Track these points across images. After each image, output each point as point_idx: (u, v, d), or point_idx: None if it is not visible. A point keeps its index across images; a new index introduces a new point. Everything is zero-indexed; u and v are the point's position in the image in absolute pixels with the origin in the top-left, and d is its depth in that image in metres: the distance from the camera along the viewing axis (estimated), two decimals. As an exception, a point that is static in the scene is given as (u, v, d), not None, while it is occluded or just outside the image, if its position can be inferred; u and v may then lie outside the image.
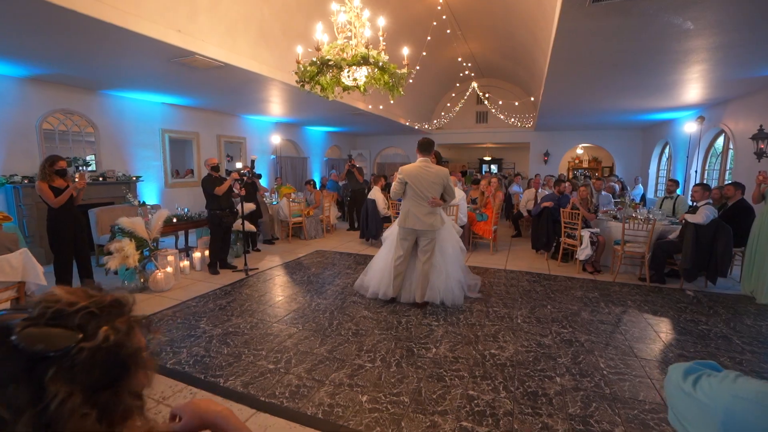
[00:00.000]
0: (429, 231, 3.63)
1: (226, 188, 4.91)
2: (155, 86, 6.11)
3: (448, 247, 3.89)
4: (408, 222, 3.64)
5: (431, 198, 3.55)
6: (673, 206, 5.82)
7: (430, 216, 3.60)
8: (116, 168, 6.61)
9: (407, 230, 3.68)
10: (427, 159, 3.69)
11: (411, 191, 3.62)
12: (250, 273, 5.02)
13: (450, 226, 4.08)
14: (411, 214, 3.62)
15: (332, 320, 3.46)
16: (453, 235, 4.07)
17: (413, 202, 3.62)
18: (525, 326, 3.33)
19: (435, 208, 3.60)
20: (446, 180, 3.64)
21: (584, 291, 4.31)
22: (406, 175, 3.62)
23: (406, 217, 3.65)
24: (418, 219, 3.59)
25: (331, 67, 3.38)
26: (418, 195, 3.58)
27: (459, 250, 4.03)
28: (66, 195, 3.92)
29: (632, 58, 4.45)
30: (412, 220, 3.62)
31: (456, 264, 3.90)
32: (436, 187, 3.60)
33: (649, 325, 3.37)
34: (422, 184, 3.56)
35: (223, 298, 4.05)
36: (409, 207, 3.64)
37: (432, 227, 3.61)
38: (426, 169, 3.62)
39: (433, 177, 3.59)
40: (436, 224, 3.63)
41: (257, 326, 3.32)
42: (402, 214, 3.71)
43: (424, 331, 3.24)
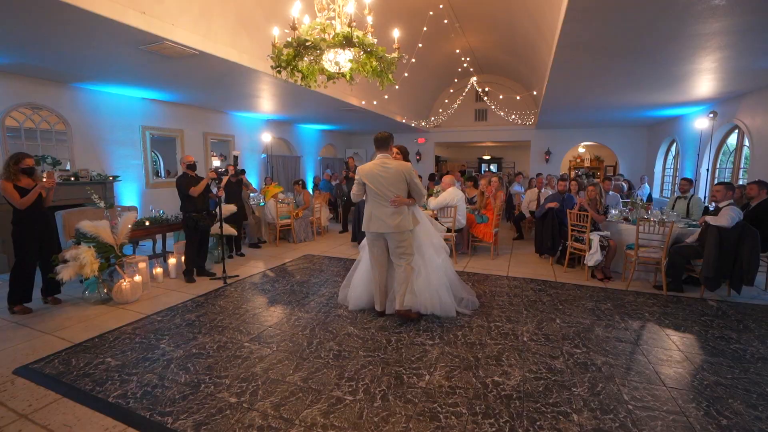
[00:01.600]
0: (396, 233, 3.26)
1: (201, 188, 4.48)
2: (132, 79, 5.68)
3: (427, 248, 3.49)
4: (371, 225, 3.31)
5: (393, 197, 3.22)
6: (687, 207, 5.41)
7: (394, 217, 3.25)
8: (91, 167, 6.17)
9: (372, 234, 3.37)
10: (385, 155, 3.35)
11: (371, 192, 3.30)
12: (229, 281, 4.60)
13: (427, 226, 3.67)
14: (374, 216, 3.30)
15: (312, 338, 3.04)
16: (433, 235, 3.66)
17: (374, 204, 3.30)
18: (532, 345, 2.91)
19: (400, 207, 3.25)
20: (409, 176, 3.28)
21: (595, 301, 3.90)
22: (362, 174, 3.30)
23: (369, 220, 3.33)
24: (382, 221, 3.26)
25: (310, 49, 2.96)
26: (379, 196, 3.26)
27: (441, 251, 3.61)
28: (33, 195, 3.53)
29: (647, 43, 4.04)
30: (376, 223, 3.29)
31: (438, 268, 3.48)
32: (398, 185, 3.26)
33: (672, 344, 2.95)
34: (381, 183, 3.24)
35: (194, 311, 3.62)
36: (371, 209, 3.32)
37: (399, 228, 3.24)
38: (384, 167, 3.28)
39: (393, 174, 3.25)
40: (404, 225, 3.26)
41: (225, 346, 2.90)
42: (365, 218, 3.37)
43: (416, 352, 2.82)
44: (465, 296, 3.68)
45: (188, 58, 4.50)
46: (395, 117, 10.36)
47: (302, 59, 3.09)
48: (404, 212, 3.28)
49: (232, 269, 5.14)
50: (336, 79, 3.62)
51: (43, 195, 3.71)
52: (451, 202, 5.20)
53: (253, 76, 5.49)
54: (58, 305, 3.80)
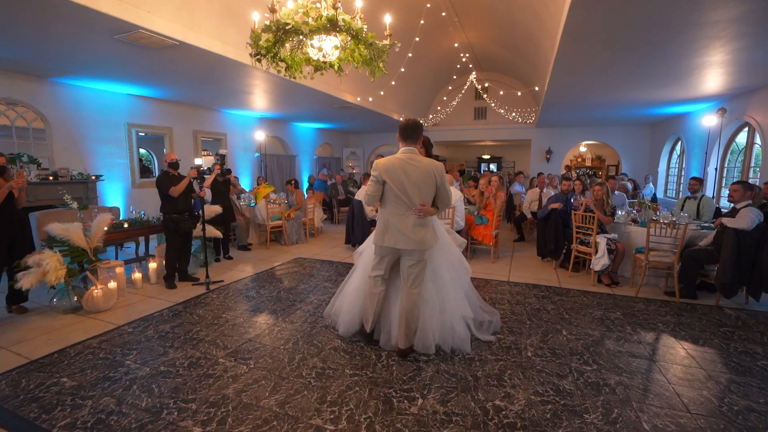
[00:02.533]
0: (417, 252, 2.60)
1: (182, 188, 4.20)
2: (114, 74, 5.40)
3: (443, 271, 2.83)
4: (387, 239, 2.59)
5: (419, 204, 2.54)
6: (698, 208, 5.13)
7: (418, 229, 2.55)
8: (72, 166, 5.89)
9: (386, 249, 2.65)
10: (413, 149, 2.64)
11: (391, 195, 2.57)
12: (212, 287, 4.31)
13: (447, 242, 2.98)
14: (392, 226, 2.58)
15: (294, 353, 2.76)
16: (451, 253, 2.97)
17: (394, 210, 2.58)
18: (537, 362, 2.63)
19: (425, 218, 2.60)
20: (440, 178, 2.59)
21: (604, 310, 3.62)
22: (383, 170, 2.55)
23: (384, 231, 2.61)
24: (402, 234, 2.55)
25: (291, 33, 2.68)
26: (401, 200, 2.55)
27: (462, 272, 2.99)
28: (1, 195, 3.25)
29: (656, 34, 3.77)
30: (393, 236, 2.57)
31: (457, 294, 2.87)
32: (427, 189, 2.56)
33: (692, 359, 2.68)
34: (407, 185, 2.52)
35: (169, 321, 3.34)
36: (388, 217, 2.60)
37: (422, 245, 2.56)
38: (412, 163, 2.55)
39: (422, 174, 2.53)
40: (428, 241, 2.59)
41: (198, 363, 2.62)
42: (379, 228, 2.65)
43: (408, 369, 2.54)
44: (487, 318, 3.08)
45: (168, 49, 4.22)
46: (392, 115, 10.09)
47: (283, 45, 2.81)
48: (429, 224, 2.62)
49: (217, 273, 4.86)
50: (324, 70, 3.35)
51: (15, 195, 3.45)
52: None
53: (240, 70, 5.21)
54: (23, 314, 3.51)
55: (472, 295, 3.12)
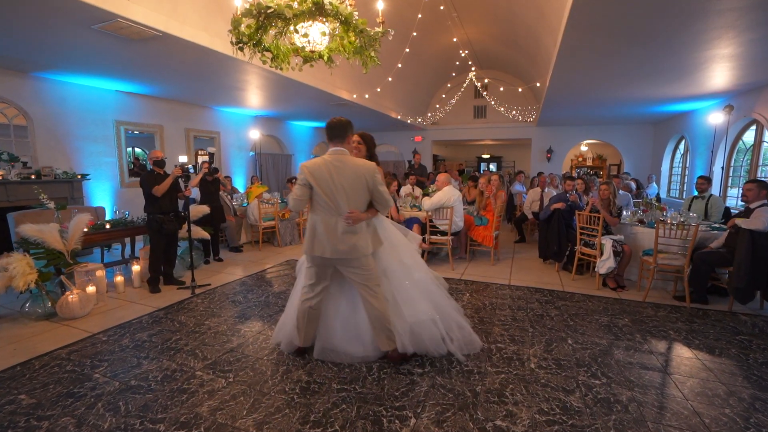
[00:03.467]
0: (351, 259, 2.38)
1: (166, 187, 3.99)
2: (99, 68, 5.19)
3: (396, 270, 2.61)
4: (316, 247, 2.37)
5: (348, 211, 2.32)
6: (706, 208, 4.93)
7: (348, 236, 2.34)
8: (56, 165, 5.68)
9: (316, 259, 2.43)
10: (342, 149, 2.42)
11: (319, 200, 2.37)
12: (198, 291, 4.10)
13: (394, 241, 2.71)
14: (320, 234, 2.36)
15: (278, 365, 2.55)
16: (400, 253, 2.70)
17: (322, 216, 2.37)
18: (542, 374, 2.43)
19: (360, 223, 2.38)
20: (372, 180, 2.37)
21: (611, 316, 3.41)
22: (309, 173, 2.34)
23: (312, 238, 2.39)
24: (330, 243, 2.33)
25: (273, 18, 2.47)
26: (329, 206, 2.35)
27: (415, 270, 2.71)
28: None
29: (665, 24, 3.57)
30: (321, 244, 2.35)
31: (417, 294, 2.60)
32: (357, 193, 2.35)
33: (709, 372, 2.47)
34: (334, 189, 2.32)
35: (148, 329, 3.13)
36: (316, 224, 2.38)
37: (353, 253, 2.34)
38: (339, 166, 2.35)
39: (351, 177, 2.33)
40: (362, 248, 2.36)
41: (173, 376, 2.41)
42: (307, 235, 2.42)
43: (401, 384, 2.33)
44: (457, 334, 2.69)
45: (151, 41, 4.01)
46: (390, 113, 9.88)
47: (266, 32, 2.60)
48: (362, 230, 2.40)
49: (206, 276, 4.65)
50: (313, 61, 3.14)
51: None
52: (447, 202, 4.71)
53: (230, 64, 5.00)
54: (-7, 321, 3.30)
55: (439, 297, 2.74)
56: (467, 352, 2.65)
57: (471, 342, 2.71)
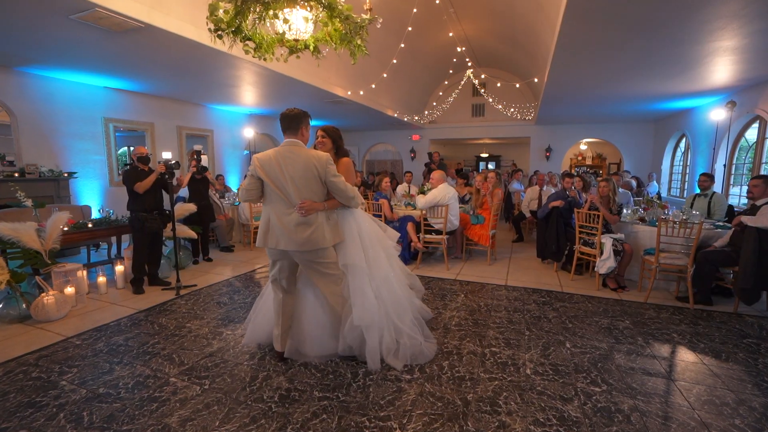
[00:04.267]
0: (306, 252, 2.30)
1: (149, 184, 3.84)
2: (86, 63, 5.05)
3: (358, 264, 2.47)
4: (270, 239, 2.31)
5: (300, 202, 2.24)
6: (708, 206, 4.79)
7: (302, 228, 2.26)
8: (42, 162, 5.53)
9: (272, 252, 2.40)
10: (294, 141, 2.31)
11: (270, 191, 2.32)
12: (183, 292, 3.96)
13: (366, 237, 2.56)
14: (273, 226, 2.31)
15: (258, 370, 2.40)
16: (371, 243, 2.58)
17: (275, 208, 2.31)
18: (537, 381, 2.28)
19: (310, 215, 2.28)
20: (323, 170, 2.26)
21: (611, 318, 3.27)
22: (259, 165, 2.29)
23: (266, 231, 2.33)
24: (283, 234, 2.27)
25: (252, 2, 2.33)
26: (280, 198, 2.29)
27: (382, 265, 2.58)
28: None
29: (668, 12, 3.43)
30: (275, 236, 2.30)
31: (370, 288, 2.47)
32: (308, 184, 2.26)
33: (716, 378, 2.32)
34: (282, 181, 2.25)
35: (126, 332, 2.98)
36: (269, 215, 2.33)
37: (308, 245, 2.27)
38: (289, 156, 2.26)
39: (301, 167, 2.24)
40: (316, 240, 2.27)
41: (145, 383, 2.26)
42: (261, 227, 2.37)
43: (387, 391, 2.18)
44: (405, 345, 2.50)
45: (134, 33, 3.86)
46: (386, 111, 9.74)
47: (245, 18, 2.46)
48: (318, 222, 2.29)
49: (193, 277, 4.50)
50: (299, 52, 3.00)
51: None
52: (442, 200, 4.57)
53: (219, 58, 4.85)
54: (-35, 324, 3.15)
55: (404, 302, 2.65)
56: (411, 362, 2.46)
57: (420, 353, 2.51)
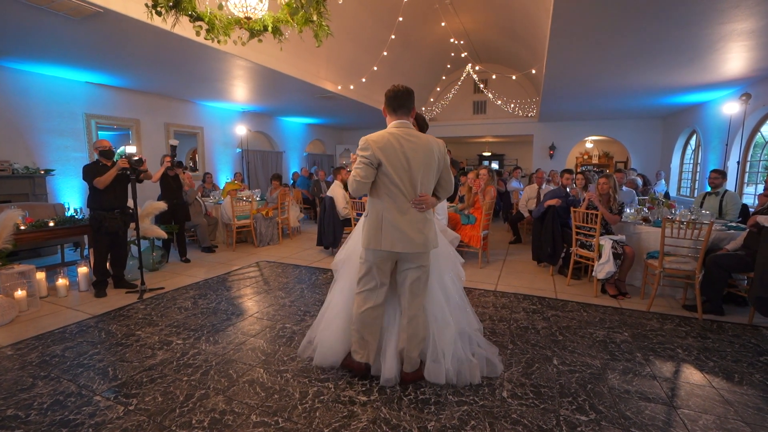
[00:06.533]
0: (421, 254, 2.02)
1: (108, 180, 3.59)
2: (58, 55, 4.84)
3: (447, 280, 2.27)
4: (384, 240, 1.95)
5: (420, 194, 1.95)
6: (720, 205, 4.39)
7: (421, 226, 1.97)
8: (15, 159, 5.35)
9: (380, 254, 2.00)
10: (407, 122, 2.00)
11: (386, 181, 1.93)
12: (147, 295, 3.70)
13: (445, 242, 2.41)
14: (388, 224, 1.95)
15: (197, 388, 2.12)
16: (451, 255, 2.38)
17: (390, 203, 1.95)
18: (514, 407, 1.95)
19: (427, 211, 2.02)
20: (444, 159, 2.04)
21: (608, 329, 2.92)
22: (377, 149, 1.89)
23: (378, 230, 1.96)
24: (402, 233, 1.93)
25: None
26: (398, 189, 1.92)
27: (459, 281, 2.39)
28: None
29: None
30: (391, 237, 1.94)
31: (461, 308, 2.30)
32: (430, 174, 1.98)
33: (728, 405, 1.97)
34: (408, 169, 1.91)
35: (68, 340, 2.72)
36: (383, 212, 1.96)
37: (426, 246, 1.99)
38: (411, 140, 1.92)
39: (424, 154, 1.93)
40: (432, 240, 2.03)
41: (63, 403, 1.99)
42: (371, 227, 2.00)
43: (337, 415, 1.87)
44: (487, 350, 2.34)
45: (93, 19, 3.63)
46: (382, 107, 9.43)
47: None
48: (432, 219, 2.07)
49: (163, 279, 4.25)
50: (260, 35, 2.73)
51: None
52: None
53: (195, 49, 4.60)
54: None
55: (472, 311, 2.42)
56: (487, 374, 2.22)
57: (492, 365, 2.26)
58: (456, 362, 2.13)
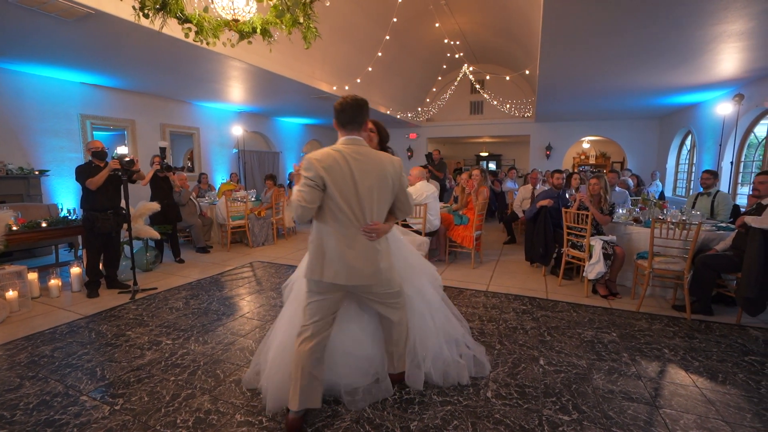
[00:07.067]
0: (375, 285, 1.81)
1: (100, 181, 3.60)
2: (52, 56, 4.85)
3: (427, 291, 2.22)
4: (327, 271, 1.71)
5: (372, 222, 1.72)
6: (712, 205, 4.41)
7: (372, 256, 1.74)
8: (10, 160, 5.35)
9: (325, 286, 1.76)
10: (357, 138, 1.76)
11: (332, 206, 1.69)
12: (139, 295, 3.71)
13: (416, 253, 2.31)
14: (333, 253, 1.71)
15: (183, 388, 2.13)
16: (424, 266, 2.30)
17: (335, 229, 1.71)
18: (497, 407, 1.96)
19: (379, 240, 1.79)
20: (399, 180, 1.81)
21: (596, 329, 2.93)
22: (322, 168, 1.65)
23: (321, 258, 1.72)
24: (348, 265, 1.70)
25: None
26: (345, 215, 1.68)
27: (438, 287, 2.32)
28: None
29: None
30: (335, 267, 1.71)
31: (445, 313, 2.27)
32: (383, 197, 1.75)
33: (710, 405, 1.98)
34: (356, 192, 1.68)
35: (58, 341, 2.73)
36: (325, 238, 1.73)
37: (379, 275, 1.78)
38: (360, 160, 1.70)
39: (377, 176, 1.72)
40: (386, 268, 1.81)
41: (49, 403, 2.00)
42: (313, 254, 1.75)
43: (319, 417, 1.89)
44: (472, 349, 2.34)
45: (87, 21, 3.63)
46: (379, 108, 9.45)
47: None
48: (385, 247, 1.83)
49: (157, 279, 4.26)
50: (249, 37, 2.74)
51: None
52: (419, 198, 4.26)
53: (188, 50, 4.61)
54: None
55: (453, 312, 2.37)
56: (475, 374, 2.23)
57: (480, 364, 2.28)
58: (442, 364, 2.12)
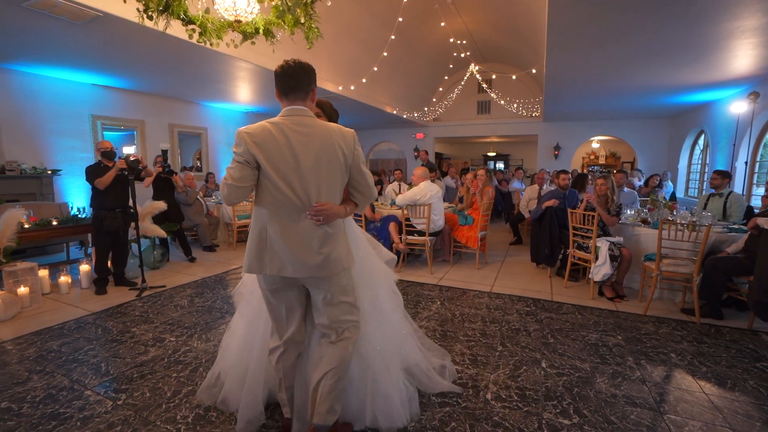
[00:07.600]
0: (326, 278, 1.54)
1: (108, 180, 3.67)
2: (64, 58, 4.96)
3: (382, 297, 1.90)
4: (268, 262, 1.50)
5: (317, 204, 1.48)
6: (724, 206, 4.30)
7: (321, 243, 1.51)
8: (24, 160, 5.49)
9: (272, 281, 1.55)
10: (302, 108, 1.52)
11: (270, 186, 1.47)
12: (146, 293, 3.77)
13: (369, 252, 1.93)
14: (274, 241, 1.49)
15: (184, 385, 2.15)
16: (384, 271, 1.97)
17: (276, 213, 1.49)
18: (497, 410, 1.94)
19: (332, 222, 1.54)
20: (351, 153, 1.55)
21: (601, 332, 2.88)
22: (253, 144, 1.43)
23: (262, 249, 1.51)
24: (292, 253, 1.48)
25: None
26: (285, 196, 1.46)
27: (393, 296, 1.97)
28: None
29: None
30: (277, 257, 1.49)
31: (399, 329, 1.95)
32: (331, 174, 1.51)
33: (717, 412, 1.93)
34: (295, 167, 1.46)
35: (66, 336, 2.79)
36: (265, 224, 1.51)
37: (331, 266, 1.52)
38: (301, 131, 1.47)
39: (321, 149, 1.48)
40: (341, 258, 1.56)
41: (55, 397, 2.04)
42: (252, 245, 1.54)
43: (318, 416, 1.89)
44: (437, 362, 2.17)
45: (95, 23, 3.70)
46: (385, 108, 9.44)
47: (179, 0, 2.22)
48: (340, 232, 1.59)
49: (164, 277, 4.33)
50: (253, 37, 2.77)
51: None
52: (423, 198, 4.24)
53: (194, 51, 4.67)
54: None
55: (416, 332, 2.15)
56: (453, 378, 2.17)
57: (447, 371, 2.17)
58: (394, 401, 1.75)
